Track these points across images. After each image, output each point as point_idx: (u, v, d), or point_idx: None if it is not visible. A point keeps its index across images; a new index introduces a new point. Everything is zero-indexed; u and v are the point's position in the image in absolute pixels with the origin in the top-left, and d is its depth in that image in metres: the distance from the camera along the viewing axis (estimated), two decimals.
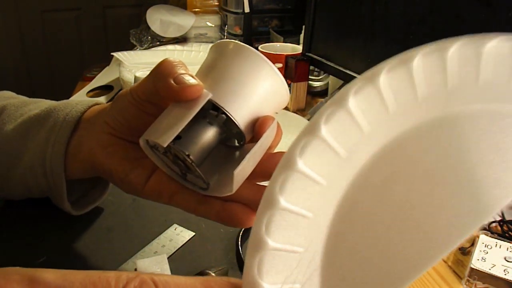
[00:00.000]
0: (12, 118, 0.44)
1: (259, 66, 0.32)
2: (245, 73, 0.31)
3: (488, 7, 0.52)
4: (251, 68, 0.31)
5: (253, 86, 0.32)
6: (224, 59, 0.32)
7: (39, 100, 0.47)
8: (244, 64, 0.31)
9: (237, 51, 0.32)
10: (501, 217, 0.58)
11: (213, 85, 0.31)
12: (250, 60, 0.31)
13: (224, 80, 0.31)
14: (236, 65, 0.31)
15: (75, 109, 0.41)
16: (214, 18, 1.27)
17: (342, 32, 0.82)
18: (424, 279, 0.45)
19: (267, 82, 0.32)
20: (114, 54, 1.02)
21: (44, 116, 0.42)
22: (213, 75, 0.32)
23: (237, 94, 0.31)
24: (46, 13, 1.98)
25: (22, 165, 0.42)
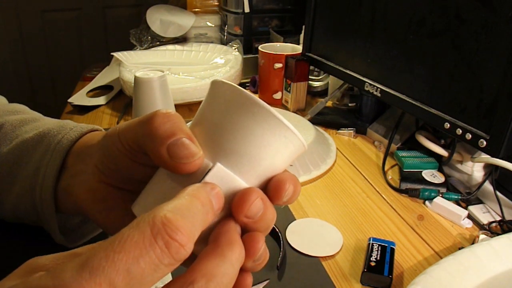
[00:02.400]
0: (7, 139, 0.43)
1: (275, 129, 0.26)
2: (256, 133, 0.25)
3: (488, 7, 0.52)
4: (264, 129, 0.25)
5: (266, 149, 0.26)
6: (230, 114, 0.26)
7: (38, 118, 0.46)
8: (256, 126, 0.25)
9: (248, 109, 0.25)
10: (501, 217, 0.58)
11: (215, 148, 0.26)
12: (265, 122, 0.25)
13: (229, 141, 0.26)
14: (245, 125, 0.25)
15: (66, 137, 0.39)
16: (214, 18, 1.27)
17: (342, 32, 0.82)
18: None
19: (283, 145, 0.26)
20: (114, 54, 1.02)
21: (37, 141, 0.41)
22: (214, 133, 0.26)
23: (246, 159, 0.26)
24: (46, 13, 1.98)
25: (14, 192, 0.41)
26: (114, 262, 0.19)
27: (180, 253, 0.20)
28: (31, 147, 0.41)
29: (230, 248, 0.23)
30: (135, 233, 0.19)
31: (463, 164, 0.66)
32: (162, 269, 0.20)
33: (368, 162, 0.74)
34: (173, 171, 0.26)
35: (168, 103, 0.74)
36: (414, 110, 0.65)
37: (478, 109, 0.55)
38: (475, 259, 0.44)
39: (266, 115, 0.25)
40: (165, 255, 0.20)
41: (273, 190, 0.27)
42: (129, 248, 0.19)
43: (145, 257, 0.19)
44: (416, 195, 0.63)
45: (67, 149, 0.38)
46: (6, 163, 0.41)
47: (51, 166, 0.38)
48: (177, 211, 0.21)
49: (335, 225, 0.56)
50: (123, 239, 0.19)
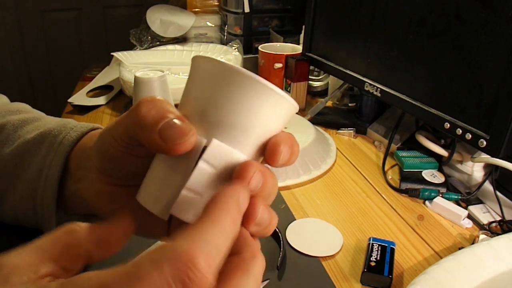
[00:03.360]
0: (9, 140, 0.43)
1: (262, 95, 0.25)
2: (244, 102, 0.25)
3: (488, 7, 0.52)
4: (250, 96, 0.25)
5: (256, 116, 0.26)
6: (214, 87, 0.26)
7: (39, 118, 0.46)
8: (242, 95, 0.25)
9: (231, 79, 0.25)
10: (501, 217, 0.58)
11: (205, 124, 0.26)
12: (250, 89, 0.25)
13: (218, 115, 0.26)
14: (230, 95, 0.25)
15: (67, 138, 0.39)
16: (214, 18, 1.27)
17: (342, 32, 0.82)
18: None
19: (273, 110, 0.26)
20: (114, 54, 1.02)
21: (39, 142, 0.41)
22: (202, 108, 0.26)
23: (238, 130, 0.25)
24: (46, 13, 1.98)
25: (16, 194, 0.41)
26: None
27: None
28: (33, 148, 0.41)
29: (254, 262, 0.23)
30: (154, 271, 0.19)
31: (463, 164, 0.66)
32: None
33: (368, 162, 0.74)
34: (169, 153, 0.26)
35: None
36: (414, 110, 0.65)
37: (478, 109, 0.55)
38: (475, 259, 0.44)
39: (250, 82, 0.25)
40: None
41: (269, 154, 0.26)
42: (147, 286, 0.19)
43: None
44: (416, 195, 0.63)
45: (68, 150, 0.38)
46: (9, 164, 0.41)
47: (53, 168, 0.38)
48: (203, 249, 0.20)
49: (335, 225, 0.56)
50: (141, 274, 0.19)
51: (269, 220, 0.26)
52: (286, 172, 0.65)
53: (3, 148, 0.42)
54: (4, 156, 0.42)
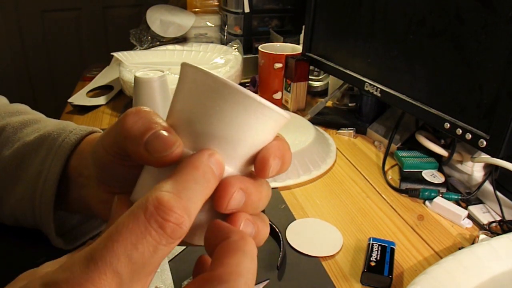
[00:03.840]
0: (9, 142, 0.43)
1: (250, 109, 0.25)
2: (232, 116, 0.25)
3: (488, 7, 0.52)
4: (239, 110, 0.25)
5: (244, 130, 0.25)
6: (202, 99, 0.25)
7: (39, 119, 0.46)
8: (230, 108, 0.25)
9: (219, 92, 0.25)
10: (501, 217, 0.58)
11: (193, 136, 0.25)
12: (238, 103, 0.24)
13: (206, 127, 0.25)
14: (218, 109, 0.25)
15: (66, 141, 0.39)
16: (214, 18, 1.27)
17: (342, 32, 0.82)
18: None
19: (262, 123, 0.25)
20: (114, 54, 1.02)
21: (38, 145, 0.41)
22: (190, 120, 0.25)
23: (226, 143, 0.25)
24: (46, 13, 1.98)
25: (16, 195, 0.41)
26: (114, 251, 0.20)
27: (177, 232, 0.21)
28: (32, 151, 0.41)
29: (245, 242, 0.23)
30: (130, 220, 0.20)
31: (463, 164, 0.66)
32: (162, 250, 0.21)
33: (368, 162, 0.74)
34: (155, 165, 0.25)
35: (168, 103, 0.74)
36: (414, 110, 0.65)
37: (478, 109, 0.55)
38: (475, 259, 0.44)
39: (238, 96, 0.24)
40: (162, 236, 0.20)
41: (258, 168, 0.26)
42: (126, 235, 0.20)
43: (142, 241, 0.20)
44: (416, 195, 0.63)
45: (68, 153, 0.38)
46: (8, 166, 0.42)
47: (52, 170, 0.38)
48: (171, 190, 0.21)
49: (335, 225, 0.56)
50: (120, 228, 0.20)
51: (256, 232, 0.26)
52: (286, 172, 0.65)
53: (2, 150, 0.43)
54: (3, 159, 0.42)
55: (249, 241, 0.23)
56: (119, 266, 0.20)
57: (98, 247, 0.20)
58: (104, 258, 0.20)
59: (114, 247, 0.20)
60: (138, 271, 0.20)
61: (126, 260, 0.20)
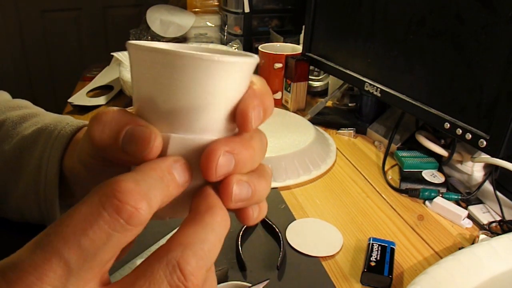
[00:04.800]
0: (9, 136, 0.43)
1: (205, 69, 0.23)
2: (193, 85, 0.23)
3: (488, 7, 0.52)
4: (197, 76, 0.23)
5: (210, 93, 0.24)
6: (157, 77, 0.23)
7: (38, 113, 0.46)
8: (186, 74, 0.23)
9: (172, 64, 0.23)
10: (501, 217, 0.58)
11: (163, 116, 0.24)
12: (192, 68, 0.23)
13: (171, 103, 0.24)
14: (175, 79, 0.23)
15: (62, 133, 0.39)
16: (214, 18, 1.27)
17: (342, 32, 0.82)
18: None
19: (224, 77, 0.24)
20: (114, 54, 1.02)
21: (35, 138, 0.41)
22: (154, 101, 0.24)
23: (196, 113, 0.24)
24: (46, 13, 1.98)
25: (19, 189, 0.41)
26: (63, 236, 0.18)
27: (135, 217, 0.19)
28: (31, 144, 0.41)
29: (210, 213, 0.22)
30: (83, 205, 0.19)
31: (463, 164, 0.66)
32: (116, 237, 0.19)
33: (368, 162, 0.74)
34: (142, 162, 0.23)
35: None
36: (414, 110, 0.65)
37: (478, 109, 0.55)
38: (475, 259, 0.44)
39: (194, 62, 0.22)
40: (116, 221, 0.19)
41: (240, 124, 0.24)
42: (77, 220, 0.18)
43: (93, 226, 0.18)
44: (416, 195, 0.63)
45: (64, 146, 0.38)
46: (9, 160, 0.42)
47: (51, 163, 0.38)
48: (129, 179, 0.20)
49: (335, 225, 0.56)
50: (71, 213, 0.19)
51: (253, 191, 0.24)
52: (286, 172, 0.65)
53: (2, 144, 0.43)
54: (4, 153, 0.42)
55: (215, 213, 0.22)
56: (66, 252, 0.18)
57: (47, 232, 0.19)
58: (51, 243, 0.18)
59: (63, 232, 0.18)
60: (89, 260, 0.18)
61: (75, 246, 0.18)
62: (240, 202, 0.24)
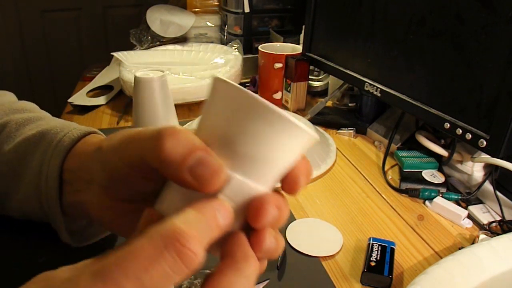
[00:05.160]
0: (11, 138, 0.42)
1: (287, 130, 0.25)
2: (270, 137, 0.25)
3: (488, 7, 0.52)
4: (277, 132, 0.24)
5: (280, 150, 0.25)
6: (239, 118, 0.25)
7: (43, 117, 0.45)
8: (269, 129, 0.24)
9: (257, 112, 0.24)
10: (501, 217, 0.58)
11: (229, 155, 0.25)
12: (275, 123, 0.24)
13: (243, 147, 0.25)
14: (256, 129, 0.24)
15: (68, 135, 0.38)
16: (214, 18, 1.27)
17: (342, 32, 0.82)
18: None
19: (296, 141, 0.26)
20: (114, 54, 1.02)
21: (38, 139, 0.40)
22: (225, 139, 0.25)
23: (261, 163, 0.25)
24: (46, 13, 1.98)
25: (21, 191, 0.41)
26: (125, 271, 0.19)
27: (193, 262, 0.20)
28: (33, 145, 0.41)
29: (246, 262, 0.24)
30: (147, 244, 0.20)
31: (463, 164, 0.66)
32: (172, 278, 0.20)
33: (368, 162, 0.74)
34: (199, 191, 0.24)
35: (168, 103, 0.74)
36: (414, 110, 0.65)
37: (478, 109, 0.55)
38: (475, 259, 0.44)
39: (276, 118, 0.24)
40: (177, 264, 0.20)
41: (288, 185, 0.27)
42: (141, 257, 0.20)
43: (156, 267, 0.20)
44: (416, 195, 0.63)
45: (68, 149, 0.38)
46: (10, 161, 0.41)
47: (52, 167, 0.38)
48: (187, 222, 0.21)
49: (335, 225, 0.56)
50: (135, 249, 0.20)
51: (276, 247, 0.27)
52: None
53: (3, 145, 0.42)
54: (5, 154, 0.42)
55: (250, 261, 0.24)
56: (126, 287, 0.19)
57: (108, 263, 0.19)
58: (112, 276, 0.19)
59: (125, 266, 0.19)
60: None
61: (135, 281, 0.19)
62: (266, 253, 0.26)
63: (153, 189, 0.29)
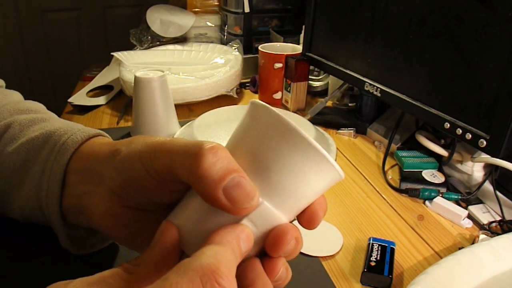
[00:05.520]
0: (14, 139, 0.41)
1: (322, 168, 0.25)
2: (304, 171, 0.25)
3: (488, 7, 0.52)
4: (311, 165, 0.25)
5: (310, 185, 0.26)
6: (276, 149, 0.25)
7: (48, 119, 0.44)
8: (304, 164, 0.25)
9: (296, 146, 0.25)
10: (501, 217, 0.58)
11: (260, 182, 0.25)
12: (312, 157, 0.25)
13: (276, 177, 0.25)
14: (292, 161, 0.25)
15: (72, 138, 0.38)
16: (214, 18, 1.27)
17: (342, 32, 0.82)
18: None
19: (326, 182, 0.26)
20: (114, 54, 1.02)
21: (42, 141, 0.40)
22: (259, 166, 0.25)
23: (290, 195, 0.25)
24: (46, 13, 1.98)
25: (21, 195, 0.40)
26: None
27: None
28: (37, 147, 0.40)
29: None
30: (184, 282, 0.20)
31: (463, 164, 0.66)
32: None
33: (368, 162, 0.74)
34: (230, 213, 0.24)
35: (168, 103, 0.74)
36: (414, 110, 0.65)
37: (478, 109, 0.55)
38: (475, 259, 0.44)
39: (315, 155, 0.25)
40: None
41: (307, 220, 0.28)
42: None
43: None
44: (416, 195, 0.63)
45: (72, 152, 0.37)
46: (13, 163, 0.40)
47: (55, 170, 0.37)
48: (218, 257, 0.22)
49: (335, 225, 0.56)
50: (171, 286, 0.20)
51: (285, 277, 0.28)
52: None
53: (6, 147, 0.41)
54: (8, 155, 0.41)
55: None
56: None
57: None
58: None
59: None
60: None
61: None
62: (277, 282, 0.27)
63: (170, 200, 0.29)
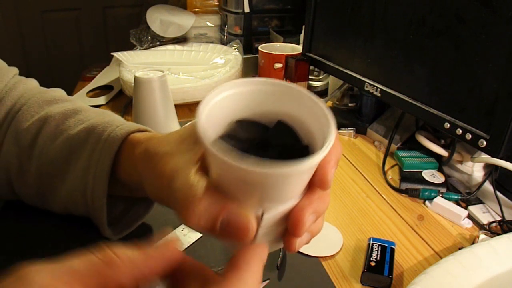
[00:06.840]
0: (53, 136, 0.44)
1: (310, 170, 0.26)
2: (298, 182, 0.26)
3: (488, 7, 0.52)
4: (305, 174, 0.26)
5: (304, 182, 0.27)
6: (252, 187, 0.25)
7: (79, 110, 0.46)
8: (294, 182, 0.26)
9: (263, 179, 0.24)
10: (501, 217, 0.58)
11: (258, 194, 0.25)
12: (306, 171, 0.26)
13: (270, 195, 0.26)
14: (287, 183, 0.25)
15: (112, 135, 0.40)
16: (214, 18, 1.27)
17: (342, 32, 0.82)
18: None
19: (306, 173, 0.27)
20: (114, 54, 1.02)
21: (83, 140, 0.42)
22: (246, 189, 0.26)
23: (288, 194, 0.26)
24: (46, 13, 1.98)
25: (64, 190, 0.42)
26: None
27: None
28: (79, 144, 0.42)
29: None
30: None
31: (463, 164, 0.66)
32: None
33: (368, 162, 0.74)
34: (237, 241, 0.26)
35: (168, 103, 0.74)
36: (414, 110, 0.65)
37: (478, 109, 0.55)
38: (475, 259, 0.44)
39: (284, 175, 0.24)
40: None
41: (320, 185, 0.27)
42: None
43: None
44: (416, 195, 0.63)
45: (116, 149, 0.39)
46: (55, 160, 0.42)
47: (100, 168, 0.39)
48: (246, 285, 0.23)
49: (335, 225, 0.56)
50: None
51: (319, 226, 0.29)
52: None
53: (44, 148, 0.43)
54: (50, 152, 0.43)
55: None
56: None
57: None
58: None
59: None
60: None
61: None
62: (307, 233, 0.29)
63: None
